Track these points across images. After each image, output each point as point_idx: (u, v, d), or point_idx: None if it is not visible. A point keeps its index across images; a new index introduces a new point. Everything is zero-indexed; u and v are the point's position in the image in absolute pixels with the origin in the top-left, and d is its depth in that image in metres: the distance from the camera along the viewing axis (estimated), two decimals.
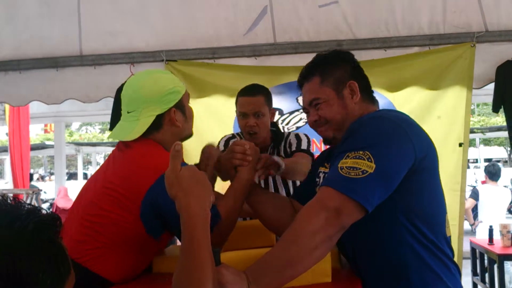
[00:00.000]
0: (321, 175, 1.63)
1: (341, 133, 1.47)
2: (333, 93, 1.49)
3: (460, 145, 3.15)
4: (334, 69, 1.52)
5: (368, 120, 1.40)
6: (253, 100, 2.32)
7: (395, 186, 1.28)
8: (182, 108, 1.62)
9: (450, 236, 1.45)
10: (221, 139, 2.54)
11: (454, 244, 2.36)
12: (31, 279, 0.78)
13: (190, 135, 1.69)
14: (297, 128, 3.39)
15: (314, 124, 1.54)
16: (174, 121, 1.58)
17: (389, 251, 1.35)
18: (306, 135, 2.43)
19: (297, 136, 2.42)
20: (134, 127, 1.53)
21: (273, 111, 2.44)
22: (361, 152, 1.25)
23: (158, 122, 1.56)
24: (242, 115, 2.34)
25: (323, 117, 1.50)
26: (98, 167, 1.76)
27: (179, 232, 1.46)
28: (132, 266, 1.53)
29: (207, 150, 1.76)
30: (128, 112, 1.57)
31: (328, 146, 1.69)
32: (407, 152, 1.30)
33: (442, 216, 1.43)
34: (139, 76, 1.64)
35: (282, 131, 2.55)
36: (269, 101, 2.39)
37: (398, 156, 1.28)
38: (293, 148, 2.35)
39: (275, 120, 2.68)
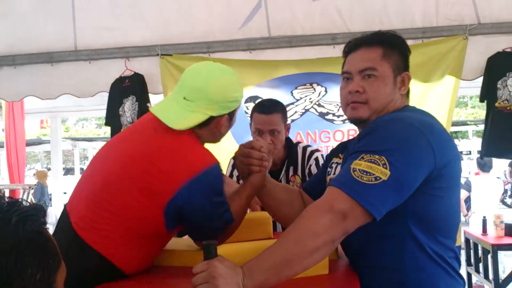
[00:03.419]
0: (334, 165, 1.59)
1: (375, 116, 1.39)
2: (391, 74, 1.40)
3: None
4: (398, 52, 1.43)
5: (389, 121, 1.30)
6: (269, 118, 2.25)
7: (408, 195, 1.21)
8: (232, 116, 1.59)
9: (460, 246, 1.39)
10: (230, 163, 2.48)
11: None
12: (19, 275, 0.74)
13: (217, 141, 1.63)
14: (292, 121, 3.39)
15: (353, 94, 1.41)
16: (221, 126, 1.56)
17: (389, 254, 1.31)
18: (323, 157, 2.36)
19: (317, 164, 2.37)
20: (186, 116, 1.48)
21: (288, 126, 2.38)
22: (376, 157, 1.18)
23: (207, 121, 1.52)
24: (257, 132, 2.28)
25: (368, 93, 1.39)
26: None
27: (191, 233, 1.54)
28: (144, 255, 1.50)
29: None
30: (184, 98, 1.51)
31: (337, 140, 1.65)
32: (426, 160, 1.22)
33: (455, 227, 1.36)
34: (211, 70, 1.55)
35: (294, 141, 2.51)
36: (285, 117, 2.33)
37: (415, 165, 1.20)
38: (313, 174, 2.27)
39: None
